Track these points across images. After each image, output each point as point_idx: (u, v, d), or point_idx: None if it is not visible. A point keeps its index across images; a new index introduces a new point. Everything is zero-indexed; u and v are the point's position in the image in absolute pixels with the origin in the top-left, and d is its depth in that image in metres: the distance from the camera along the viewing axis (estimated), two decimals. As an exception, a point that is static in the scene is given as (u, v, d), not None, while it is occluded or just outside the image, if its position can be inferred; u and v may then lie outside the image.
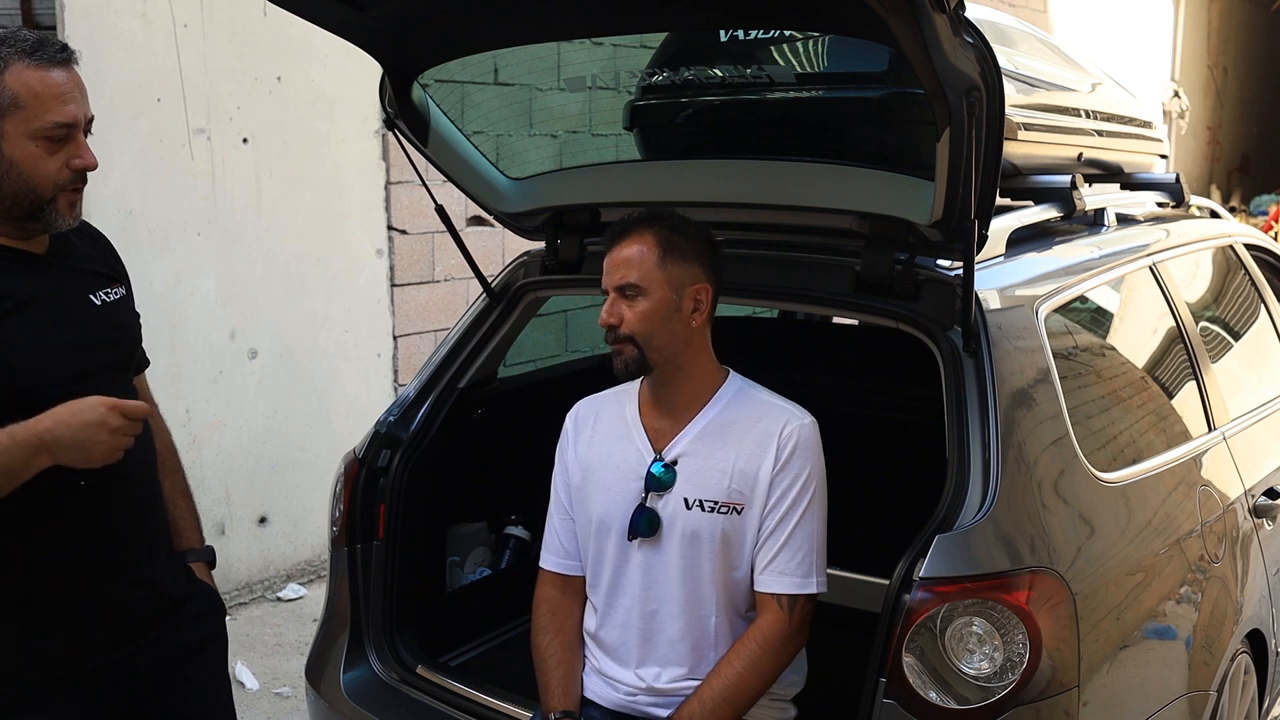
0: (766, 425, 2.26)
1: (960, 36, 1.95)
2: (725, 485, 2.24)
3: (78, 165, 1.91)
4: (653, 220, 2.26)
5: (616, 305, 2.23)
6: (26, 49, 1.86)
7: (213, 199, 4.53)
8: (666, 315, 2.22)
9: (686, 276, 2.24)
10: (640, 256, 2.22)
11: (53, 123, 1.87)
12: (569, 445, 2.44)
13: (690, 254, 2.25)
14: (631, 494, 2.29)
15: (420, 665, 2.75)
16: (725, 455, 2.25)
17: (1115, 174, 3.53)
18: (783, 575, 2.23)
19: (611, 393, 2.46)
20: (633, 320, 2.22)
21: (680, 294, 2.23)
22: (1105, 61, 4.73)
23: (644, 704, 2.31)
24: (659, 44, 2.90)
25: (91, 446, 1.84)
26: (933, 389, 2.39)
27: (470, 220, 5.32)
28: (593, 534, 2.36)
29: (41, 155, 1.88)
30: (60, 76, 1.88)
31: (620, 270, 2.23)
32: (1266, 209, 12.29)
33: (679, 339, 2.25)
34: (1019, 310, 2.46)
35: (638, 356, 2.23)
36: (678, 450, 2.29)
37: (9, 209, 1.90)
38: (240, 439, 4.75)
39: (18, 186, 1.88)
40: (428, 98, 2.79)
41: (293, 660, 4.27)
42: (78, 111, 1.90)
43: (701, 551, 2.25)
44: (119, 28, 4.17)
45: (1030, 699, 2.07)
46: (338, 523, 2.85)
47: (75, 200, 1.95)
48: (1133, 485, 2.51)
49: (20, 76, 1.85)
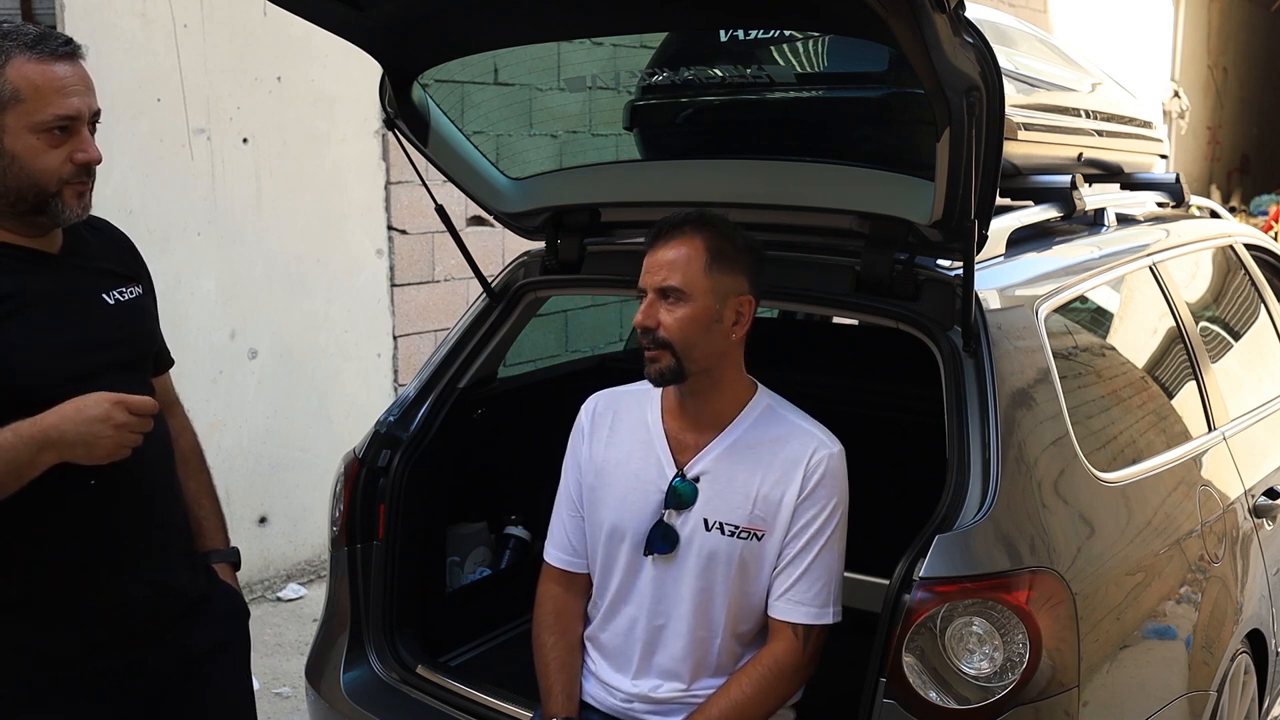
0: (794, 450, 2.20)
1: (960, 36, 1.95)
2: (748, 511, 2.19)
3: (80, 159, 1.89)
4: (704, 223, 2.17)
5: (655, 308, 2.14)
6: (28, 42, 1.84)
7: (213, 199, 4.53)
8: (708, 325, 2.14)
9: (732, 287, 2.17)
10: (687, 260, 2.13)
11: (54, 115, 1.85)
12: (583, 442, 2.38)
13: (738, 264, 2.18)
14: (650, 507, 2.24)
15: (420, 665, 2.75)
16: (750, 479, 2.20)
17: (1115, 174, 3.53)
18: (800, 605, 2.20)
19: (631, 390, 2.40)
20: (672, 326, 2.13)
21: (724, 304, 2.16)
22: (1105, 61, 4.73)
23: (640, 711, 2.29)
24: (659, 44, 2.90)
25: (96, 442, 1.83)
26: (933, 389, 2.39)
27: (470, 220, 5.32)
28: (603, 539, 2.31)
29: (43, 149, 1.85)
30: (63, 70, 1.86)
31: (664, 271, 2.14)
32: (1266, 209, 12.30)
33: (717, 351, 2.18)
34: (1019, 310, 2.45)
35: (674, 366, 2.14)
36: (701, 467, 2.24)
37: (14, 204, 1.89)
38: (240, 439, 4.75)
39: (20, 180, 1.86)
40: (428, 98, 2.79)
41: (293, 660, 4.27)
42: (81, 105, 1.88)
43: (717, 574, 2.21)
44: (119, 27, 4.17)
45: (1030, 699, 2.07)
46: (338, 523, 2.85)
47: (83, 191, 1.93)
48: (1133, 485, 2.50)
49: (21, 70, 1.83)
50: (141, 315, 2.13)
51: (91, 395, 1.85)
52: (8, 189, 1.87)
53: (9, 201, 1.89)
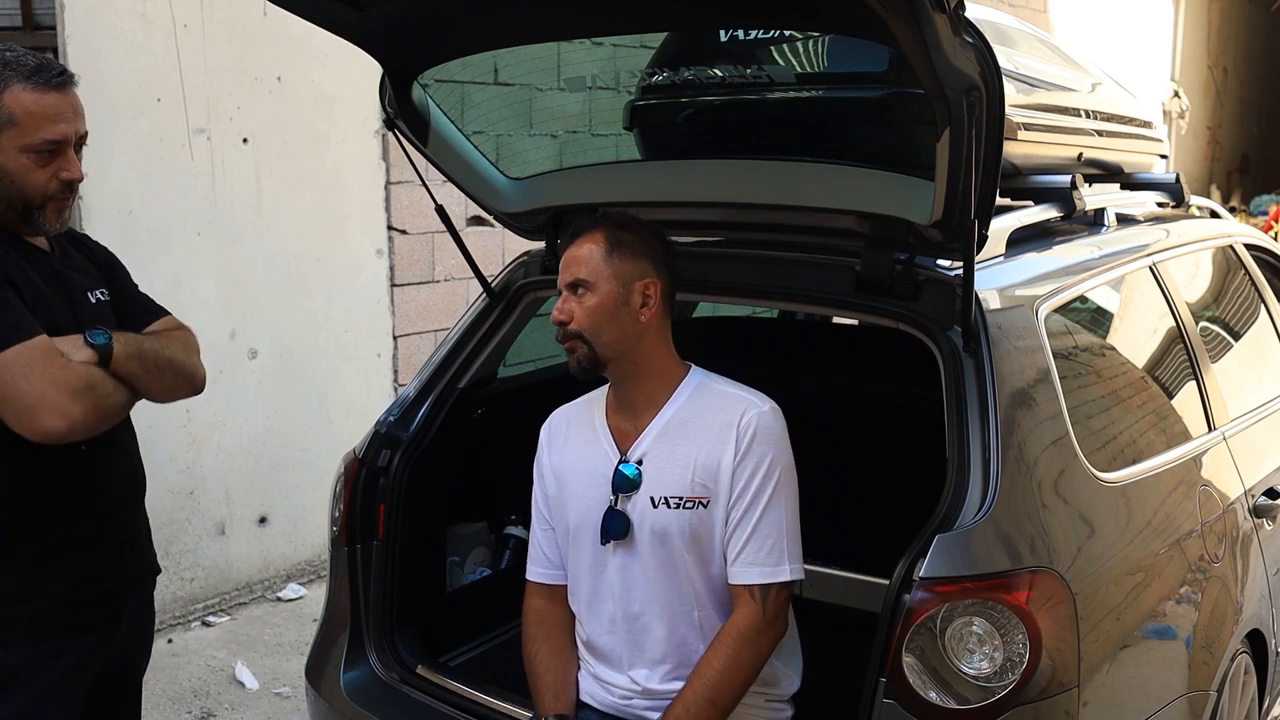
0: (725, 416, 2.25)
1: (960, 36, 1.95)
2: (688, 480, 2.24)
3: (65, 178, 2.14)
4: (601, 220, 2.31)
5: (568, 303, 2.26)
6: (26, 72, 2.08)
7: (213, 199, 4.53)
8: (614, 310, 2.24)
9: (634, 272, 2.26)
10: (589, 254, 2.25)
11: (43, 139, 2.09)
12: (544, 456, 2.46)
13: (639, 250, 2.28)
14: (601, 497, 2.29)
15: (420, 665, 2.75)
16: (687, 450, 2.25)
17: (1115, 174, 3.53)
18: (752, 566, 2.22)
19: (583, 401, 2.47)
20: (580, 315, 2.24)
21: (628, 289, 2.25)
22: (1105, 61, 4.73)
23: (639, 707, 2.31)
24: (659, 44, 2.90)
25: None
26: (933, 389, 2.39)
27: (470, 220, 5.32)
28: (570, 541, 2.37)
29: (32, 167, 2.10)
30: (54, 99, 2.10)
31: (571, 268, 2.26)
32: (1266, 209, 12.30)
33: (629, 334, 2.26)
34: (1019, 310, 2.46)
35: (588, 353, 2.25)
36: (641, 450, 2.29)
37: (4, 211, 2.13)
38: (240, 439, 4.75)
39: (11, 192, 2.11)
40: (428, 98, 2.79)
41: (293, 660, 4.27)
42: (68, 129, 2.12)
43: (673, 549, 2.25)
44: (119, 28, 4.17)
45: (1030, 699, 2.07)
46: (338, 523, 2.85)
47: (63, 208, 2.18)
48: (1133, 485, 2.51)
49: (18, 97, 2.07)
50: (109, 316, 2.31)
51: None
52: (1, 198, 2.11)
53: (1, 209, 2.13)
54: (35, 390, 2.00)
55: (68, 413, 2.03)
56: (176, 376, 2.29)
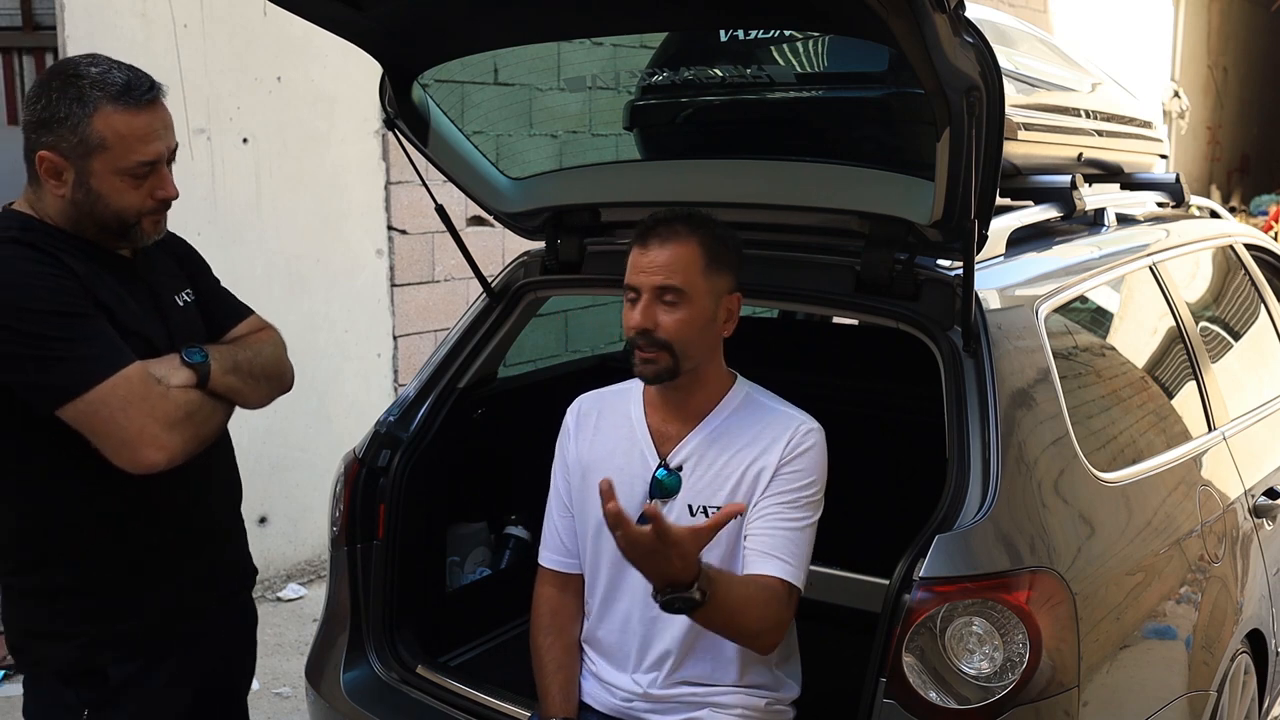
0: (776, 430, 2.21)
1: (960, 36, 1.95)
2: (729, 490, 2.20)
3: (160, 196, 2.07)
4: (697, 225, 2.17)
5: (652, 309, 2.13)
6: (115, 92, 1.97)
7: (213, 199, 4.53)
8: (705, 325, 2.16)
9: (724, 286, 2.19)
10: (685, 262, 2.13)
11: (136, 162, 2.01)
12: (570, 441, 2.41)
13: (731, 263, 2.20)
14: (635, 499, 2.24)
15: (420, 665, 2.75)
16: (731, 460, 2.21)
17: (1115, 174, 3.53)
18: (785, 563, 2.12)
19: (614, 390, 2.43)
20: (671, 327, 2.13)
21: (718, 304, 2.19)
22: (1105, 61, 4.74)
23: (641, 710, 2.29)
24: (659, 44, 2.90)
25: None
26: (933, 389, 2.39)
27: (470, 220, 5.32)
28: (591, 535, 2.33)
29: (127, 189, 2.02)
30: (146, 119, 2.01)
31: (661, 273, 2.13)
32: (1266, 209, 12.30)
33: (709, 347, 2.21)
34: (1019, 310, 2.45)
35: (670, 366, 2.15)
36: (683, 455, 2.25)
37: (98, 232, 2.06)
38: (240, 439, 4.68)
39: (105, 215, 2.03)
40: (428, 98, 2.79)
41: (293, 660, 4.27)
42: (161, 148, 2.05)
43: (706, 558, 2.20)
44: (119, 28, 4.17)
45: (1030, 699, 2.07)
46: (338, 523, 2.85)
47: (159, 219, 2.12)
48: (1133, 485, 2.50)
49: (108, 120, 1.97)
50: (197, 319, 2.29)
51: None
52: (94, 220, 2.04)
53: (94, 230, 2.06)
54: (134, 426, 1.94)
55: (167, 445, 1.98)
56: (271, 382, 2.28)
